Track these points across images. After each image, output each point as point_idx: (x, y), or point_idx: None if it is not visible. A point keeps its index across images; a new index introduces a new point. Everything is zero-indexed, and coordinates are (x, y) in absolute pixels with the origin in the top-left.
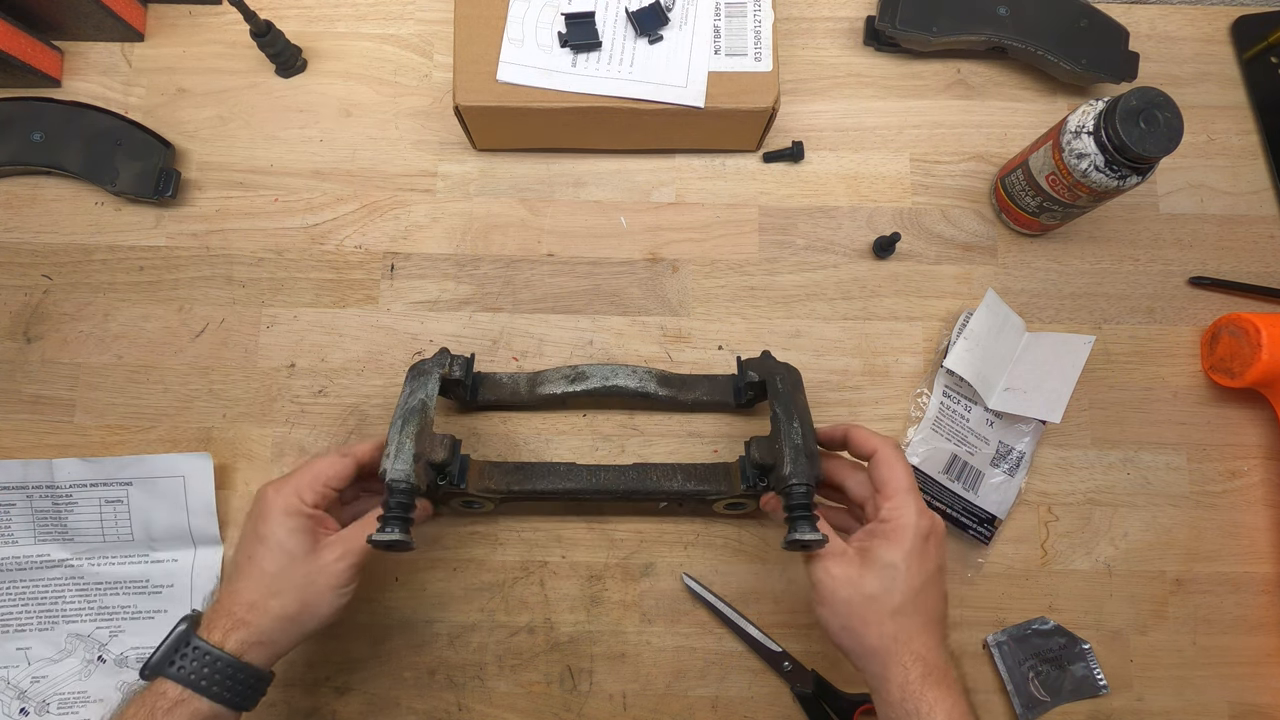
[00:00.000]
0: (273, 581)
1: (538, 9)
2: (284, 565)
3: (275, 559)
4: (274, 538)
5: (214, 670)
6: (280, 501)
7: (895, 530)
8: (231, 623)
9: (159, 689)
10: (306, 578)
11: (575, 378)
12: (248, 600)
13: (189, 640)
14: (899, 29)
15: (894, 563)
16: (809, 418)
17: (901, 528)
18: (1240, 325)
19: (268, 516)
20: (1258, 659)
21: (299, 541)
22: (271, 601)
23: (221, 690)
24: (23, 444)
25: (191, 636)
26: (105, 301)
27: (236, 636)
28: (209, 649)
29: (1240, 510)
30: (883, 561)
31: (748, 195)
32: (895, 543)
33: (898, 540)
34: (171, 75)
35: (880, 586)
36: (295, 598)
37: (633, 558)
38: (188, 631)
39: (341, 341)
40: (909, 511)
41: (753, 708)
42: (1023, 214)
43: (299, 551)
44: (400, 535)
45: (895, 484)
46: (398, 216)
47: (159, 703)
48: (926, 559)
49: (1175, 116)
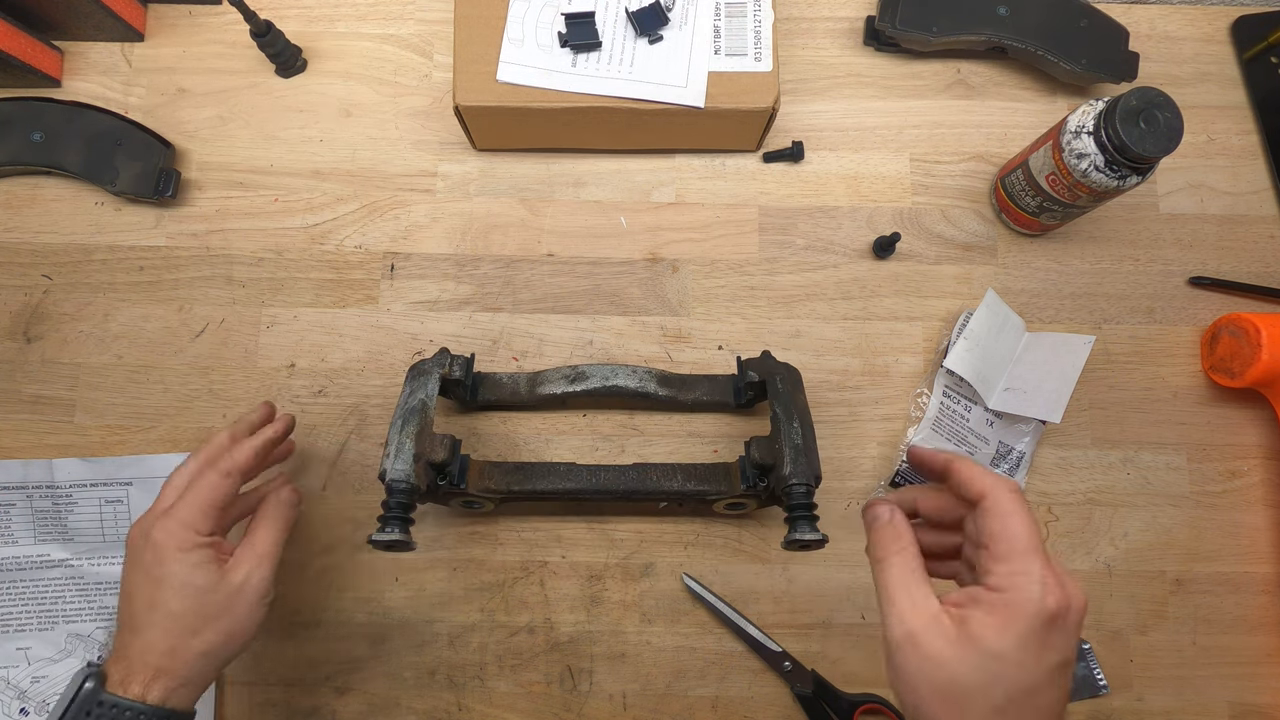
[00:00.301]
0: (188, 622)
1: (538, 9)
2: (195, 603)
3: (182, 599)
4: (176, 578)
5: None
6: (174, 540)
7: (1009, 606)
8: (150, 673)
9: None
10: (223, 607)
11: (575, 378)
12: (163, 647)
13: (98, 698)
14: (899, 29)
15: (1001, 651)
16: (809, 418)
17: (1017, 604)
18: (1240, 325)
19: (163, 559)
20: (1258, 659)
21: (205, 574)
22: (193, 641)
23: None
24: (23, 444)
25: (101, 693)
26: (105, 301)
27: (160, 685)
28: (129, 704)
29: (1240, 510)
30: (985, 647)
31: (748, 195)
32: (1007, 623)
33: (1010, 620)
34: (171, 75)
35: (978, 678)
36: (217, 630)
37: (633, 558)
38: (96, 689)
39: (341, 341)
40: (1030, 583)
41: (753, 708)
42: (1023, 214)
43: (208, 585)
44: (400, 535)
45: (1011, 541)
46: (398, 216)
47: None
48: (1047, 650)
49: (1175, 116)
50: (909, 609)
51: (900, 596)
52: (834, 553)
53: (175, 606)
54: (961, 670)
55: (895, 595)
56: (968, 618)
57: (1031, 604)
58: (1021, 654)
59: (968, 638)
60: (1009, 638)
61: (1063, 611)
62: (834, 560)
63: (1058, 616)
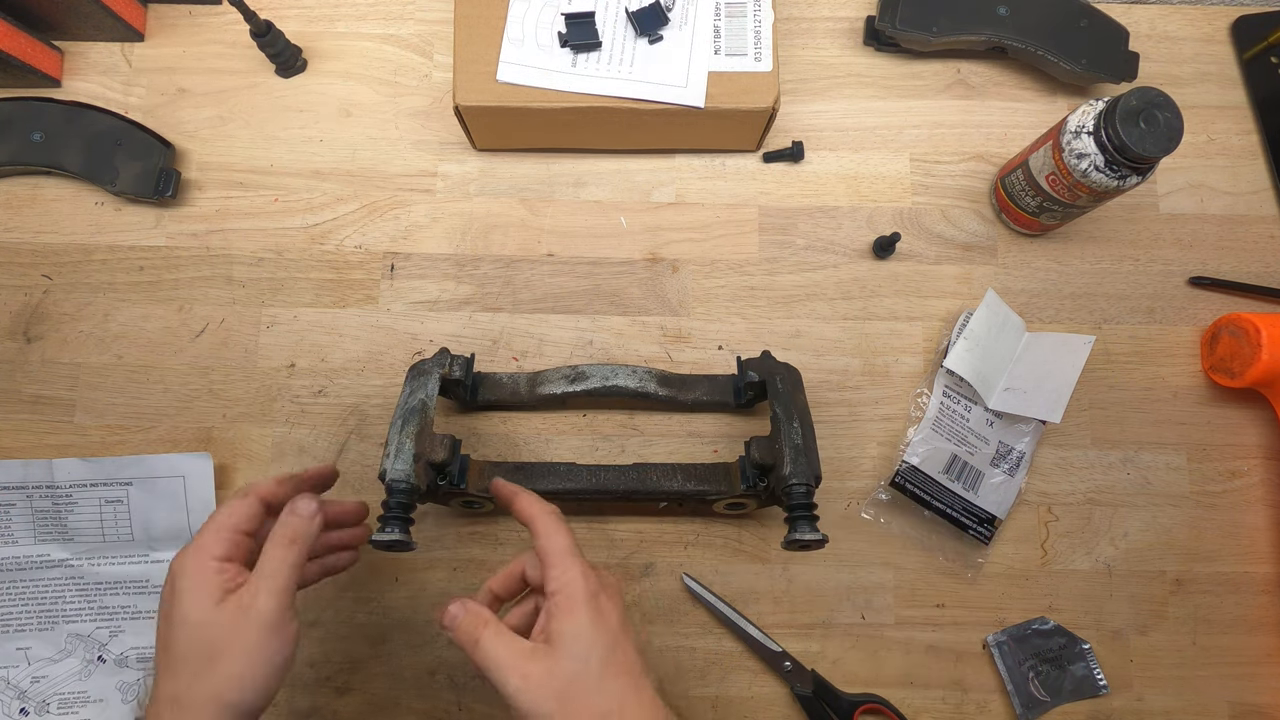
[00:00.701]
0: (191, 664)
1: (538, 9)
2: (196, 638)
3: (185, 635)
4: (179, 611)
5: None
6: (187, 568)
7: (567, 599)
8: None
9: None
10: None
11: (575, 378)
12: (169, 695)
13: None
14: (899, 29)
15: (578, 632)
16: (809, 418)
17: (571, 594)
18: (1240, 325)
19: (175, 589)
20: (1258, 659)
21: (204, 604)
22: (197, 686)
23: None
24: (23, 444)
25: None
26: (105, 301)
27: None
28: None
29: (1240, 510)
30: (568, 635)
31: (748, 195)
32: (572, 611)
33: (572, 608)
34: (171, 75)
35: (577, 663)
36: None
37: (633, 558)
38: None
39: (341, 341)
40: (574, 574)
41: (753, 708)
42: (1023, 214)
43: (205, 617)
44: (400, 535)
45: (554, 551)
46: (398, 216)
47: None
48: (606, 615)
49: (1175, 116)
50: (511, 660)
51: (501, 657)
52: (834, 553)
53: (180, 646)
54: (563, 666)
55: (497, 658)
56: (549, 629)
57: (579, 588)
58: (590, 627)
59: (555, 639)
60: (579, 618)
61: (602, 586)
62: (834, 560)
63: (599, 591)
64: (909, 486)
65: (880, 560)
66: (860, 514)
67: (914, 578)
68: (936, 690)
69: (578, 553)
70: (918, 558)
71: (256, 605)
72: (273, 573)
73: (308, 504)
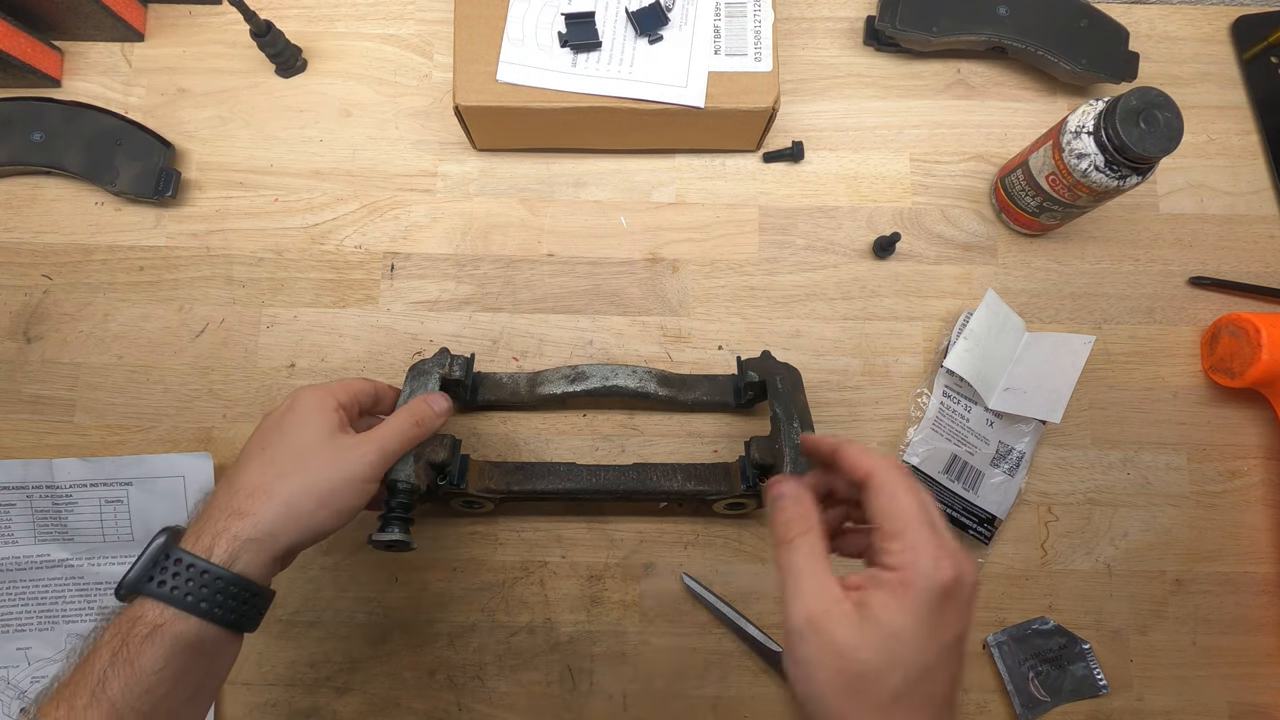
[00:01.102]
0: (285, 464)
1: (538, 9)
2: (301, 450)
3: (292, 444)
4: (297, 424)
5: (199, 584)
6: (313, 396)
7: (905, 583)
8: (226, 516)
9: (135, 612)
10: (320, 466)
11: (575, 378)
12: (250, 486)
13: (168, 552)
14: (899, 29)
15: (899, 630)
16: (809, 418)
17: (912, 580)
18: (1240, 325)
19: (296, 407)
20: (1258, 659)
21: (324, 427)
22: (277, 485)
23: (211, 606)
24: (23, 444)
25: (172, 549)
26: (105, 301)
27: (231, 532)
28: (194, 559)
29: (1240, 510)
30: (884, 627)
31: (748, 195)
32: (903, 600)
33: (906, 596)
34: (171, 75)
35: (878, 661)
36: (305, 483)
37: (633, 558)
38: (167, 543)
39: (341, 341)
40: (922, 557)
41: (753, 708)
42: (1023, 214)
43: (322, 435)
44: (401, 535)
45: (900, 517)
46: (398, 216)
47: (135, 628)
48: (944, 626)
49: (1175, 116)
50: (813, 594)
51: (806, 582)
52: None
53: (280, 449)
54: (862, 656)
55: (801, 580)
56: (867, 600)
57: (925, 578)
58: (918, 631)
59: (867, 620)
60: (906, 615)
61: (956, 584)
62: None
63: (951, 589)
64: None
65: None
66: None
67: None
68: None
69: (935, 526)
70: None
71: (359, 456)
72: (389, 435)
73: (442, 403)
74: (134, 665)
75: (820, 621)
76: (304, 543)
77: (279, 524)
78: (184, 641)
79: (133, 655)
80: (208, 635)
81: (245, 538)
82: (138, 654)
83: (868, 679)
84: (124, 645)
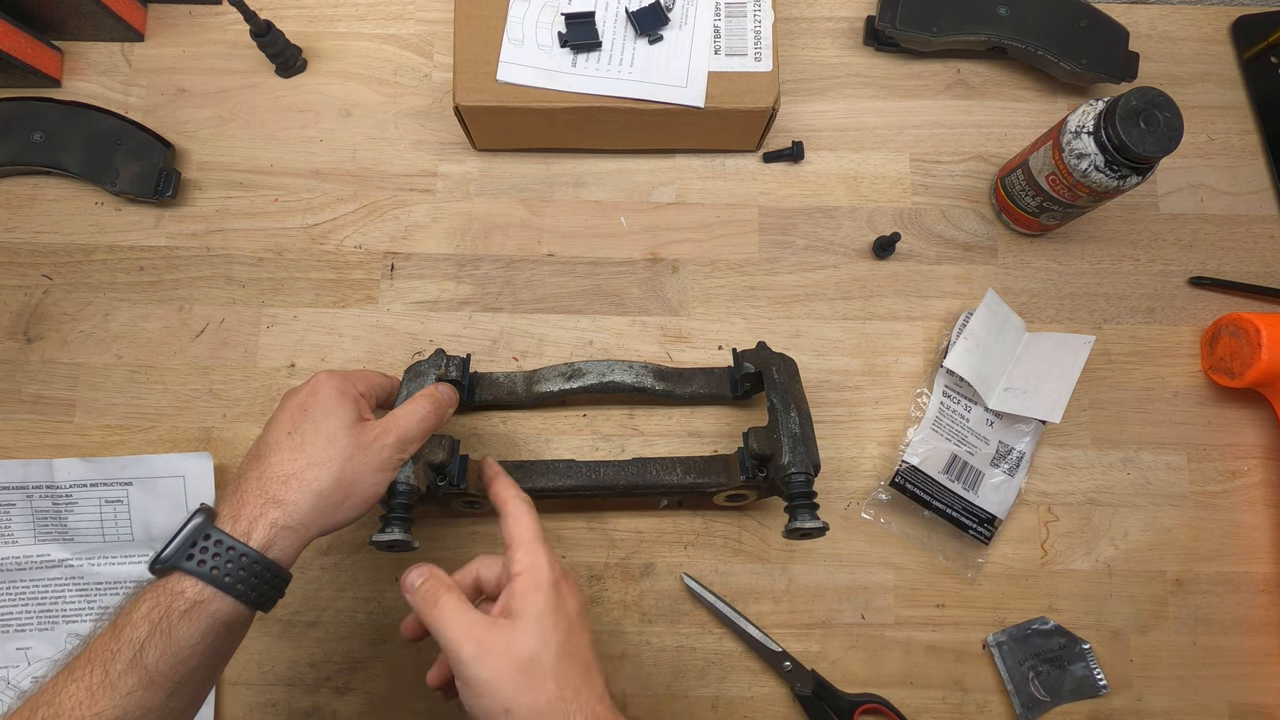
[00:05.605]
0: (315, 453)
1: (538, 9)
2: (330, 438)
3: (322, 431)
4: (322, 411)
5: (238, 565)
6: (335, 382)
7: (531, 580)
8: (263, 502)
9: (174, 587)
10: (346, 452)
11: (572, 375)
12: (284, 473)
13: (206, 532)
14: (899, 29)
15: (540, 613)
16: (806, 406)
17: (536, 576)
18: (1240, 325)
19: (319, 393)
20: (1258, 659)
21: (345, 416)
22: (309, 474)
23: (247, 589)
24: (23, 444)
25: (211, 529)
26: (105, 301)
27: (269, 519)
28: (233, 541)
29: (1240, 510)
30: (530, 615)
31: (748, 195)
32: (535, 592)
33: (536, 589)
34: (171, 75)
35: (537, 641)
36: (334, 472)
37: (633, 558)
38: (205, 523)
39: (341, 341)
40: (539, 557)
41: (753, 708)
42: (1023, 214)
43: (345, 424)
44: (401, 535)
45: (522, 534)
46: (398, 216)
47: (175, 603)
48: (566, 602)
49: (1175, 116)
50: (470, 625)
51: (460, 623)
52: (834, 553)
53: (310, 436)
54: (523, 643)
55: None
56: (511, 607)
57: (544, 571)
58: (554, 609)
59: (516, 616)
60: (541, 600)
61: (562, 574)
62: (834, 560)
63: (561, 579)
64: (909, 486)
65: (880, 560)
66: (860, 514)
67: (914, 578)
68: (936, 690)
69: (544, 540)
70: (918, 558)
71: (380, 441)
72: (399, 424)
73: (452, 394)
74: (171, 637)
75: (486, 641)
76: (326, 532)
77: (311, 515)
78: (220, 619)
79: (171, 628)
80: (239, 614)
81: (282, 525)
82: (176, 627)
83: (534, 659)
84: (164, 618)
